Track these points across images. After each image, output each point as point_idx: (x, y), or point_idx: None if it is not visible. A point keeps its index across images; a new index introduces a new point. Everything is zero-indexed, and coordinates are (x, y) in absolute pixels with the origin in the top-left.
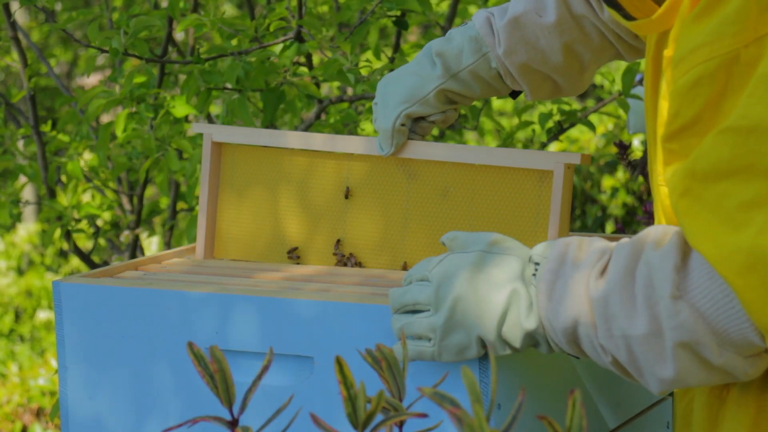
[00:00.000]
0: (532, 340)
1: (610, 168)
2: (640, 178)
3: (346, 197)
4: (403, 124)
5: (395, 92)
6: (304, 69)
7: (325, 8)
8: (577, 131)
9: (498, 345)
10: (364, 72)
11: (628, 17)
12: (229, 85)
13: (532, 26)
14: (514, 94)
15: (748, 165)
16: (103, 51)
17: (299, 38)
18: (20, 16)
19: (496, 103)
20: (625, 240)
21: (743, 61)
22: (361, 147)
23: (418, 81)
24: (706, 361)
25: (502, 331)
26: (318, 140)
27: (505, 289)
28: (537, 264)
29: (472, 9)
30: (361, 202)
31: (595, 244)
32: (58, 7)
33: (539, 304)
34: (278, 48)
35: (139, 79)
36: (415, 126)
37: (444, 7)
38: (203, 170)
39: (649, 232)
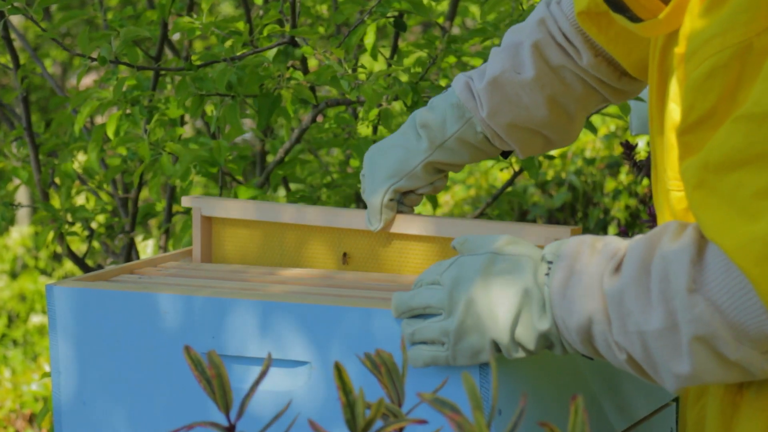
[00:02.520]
0: (547, 341)
1: (613, 170)
2: (645, 180)
3: (344, 262)
4: (391, 199)
5: (382, 166)
6: (298, 73)
7: (324, 6)
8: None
9: (511, 347)
10: (361, 77)
11: (634, 19)
12: (221, 92)
13: (512, 85)
14: (505, 154)
15: (763, 153)
16: (92, 60)
17: (293, 43)
18: (15, 16)
19: None
20: (640, 236)
21: (756, 50)
22: (353, 221)
23: (404, 154)
24: (722, 356)
25: (515, 333)
26: (310, 213)
27: (518, 290)
28: (550, 263)
29: (473, 8)
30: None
31: (609, 241)
32: (53, 7)
33: (552, 303)
34: (271, 53)
35: (131, 82)
36: (404, 198)
37: (444, 6)
38: (194, 241)
39: (665, 227)
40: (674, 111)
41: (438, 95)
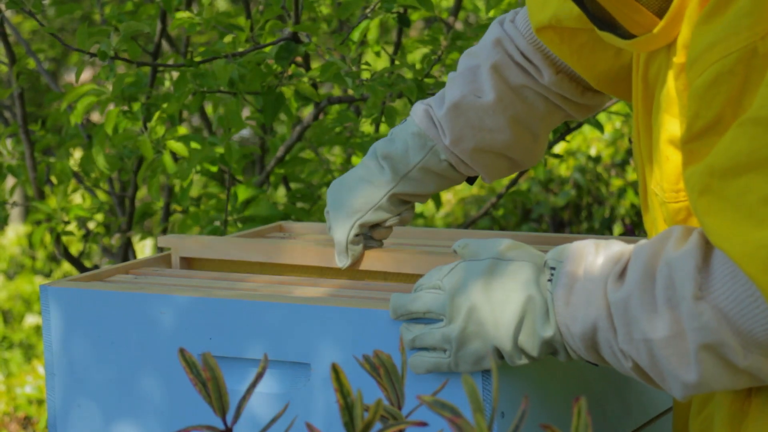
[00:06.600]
0: (550, 348)
1: (618, 168)
2: None
3: None
4: (357, 235)
5: (346, 201)
6: (301, 70)
7: (327, 2)
8: (586, 129)
9: (514, 354)
10: (365, 75)
11: (626, 36)
12: (223, 89)
13: (473, 109)
14: (471, 180)
15: None
16: (91, 55)
17: (295, 39)
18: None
19: None
20: (644, 241)
21: (761, 53)
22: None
23: (368, 188)
24: (730, 363)
25: (518, 340)
26: (283, 253)
27: (520, 297)
28: (553, 269)
29: (478, 2)
30: None
31: (613, 246)
32: (46, 3)
33: (556, 310)
34: (273, 49)
35: (129, 79)
36: (372, 232)
37: (449, 1)
38: None
39: (670, 233)
40: (669, 122)
41: (397, 125)
